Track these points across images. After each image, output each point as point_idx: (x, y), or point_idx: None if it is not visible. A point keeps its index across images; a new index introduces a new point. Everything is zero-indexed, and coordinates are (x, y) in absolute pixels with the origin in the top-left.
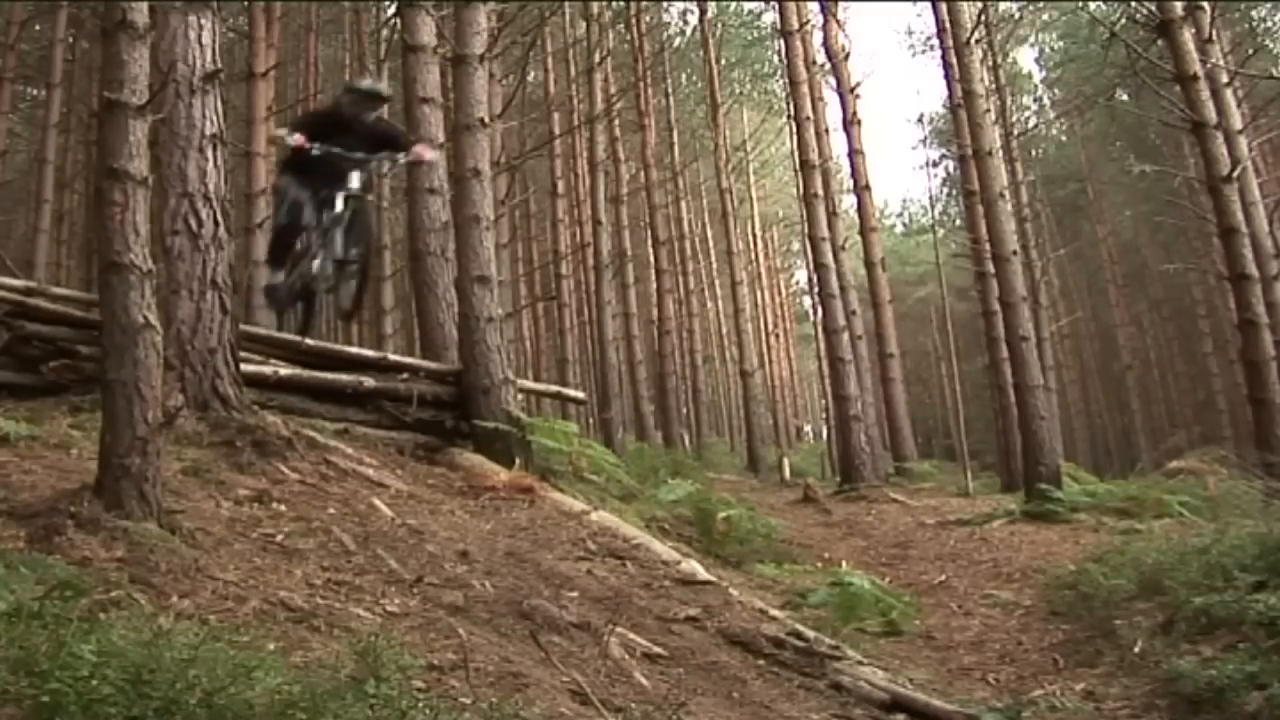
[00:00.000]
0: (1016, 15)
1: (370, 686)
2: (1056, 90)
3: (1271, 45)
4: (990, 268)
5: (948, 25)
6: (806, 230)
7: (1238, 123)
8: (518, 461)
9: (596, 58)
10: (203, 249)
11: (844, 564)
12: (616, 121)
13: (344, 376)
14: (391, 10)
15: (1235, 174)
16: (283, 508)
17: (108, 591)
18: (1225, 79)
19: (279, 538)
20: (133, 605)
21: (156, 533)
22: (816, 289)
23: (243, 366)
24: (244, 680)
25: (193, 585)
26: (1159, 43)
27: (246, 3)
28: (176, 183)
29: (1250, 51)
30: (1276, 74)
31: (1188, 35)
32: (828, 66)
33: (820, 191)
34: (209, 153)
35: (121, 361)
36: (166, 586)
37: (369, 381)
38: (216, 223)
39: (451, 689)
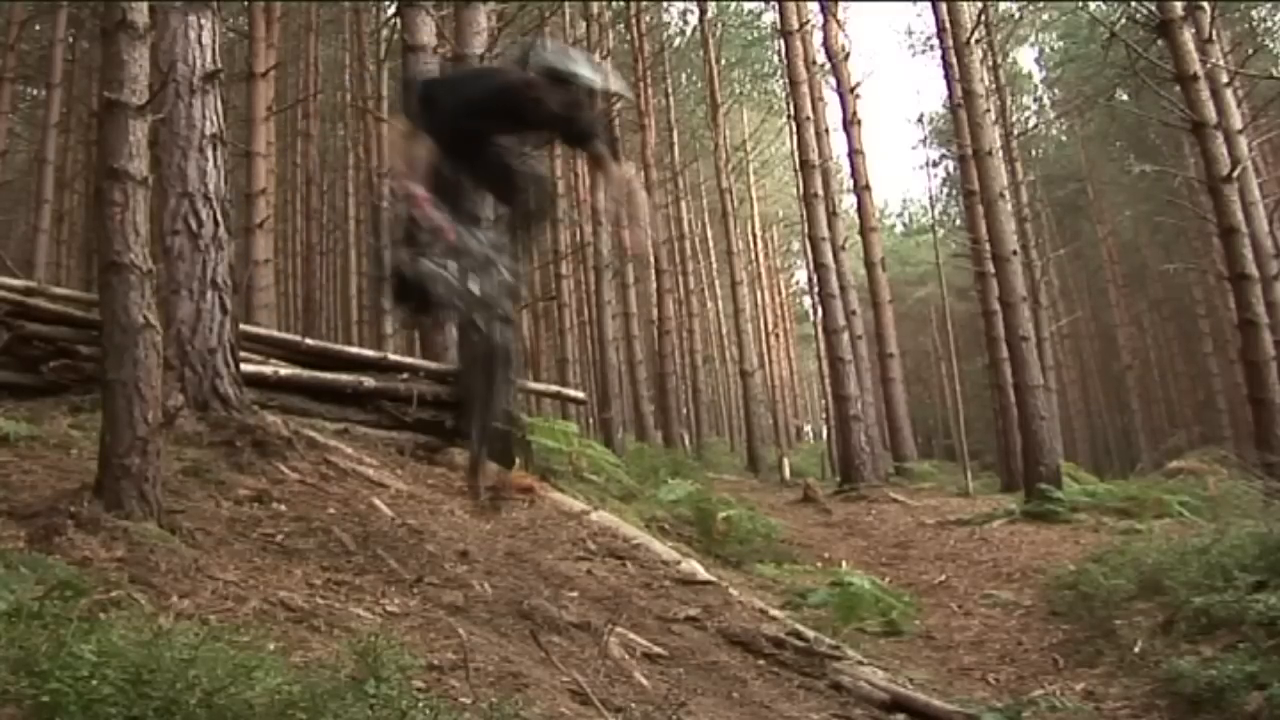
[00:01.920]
0: (1016, 15)
1: (370, 686)
2: (1056, 90)
3: (1271, 45)
4: (990, 268)
5: (948, 25)
6: (806, 230)
7: (1238, 123)
8: (518, 461)
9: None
10: (203, 249)
11: (844, 564)
12: (616, 121)
13: (344, 376)
14: (391, 10)
15: (1235, 174)
16: (283, 508)
17: (108, 591)
18: (1225, 79)
19: (279, 538)
20: (133, 605)
21: (156, 533)
22: (816, 289)
23: (243, 366)
24: (244, 680)
25: (193, 585)
26: (1159, 43)
27: (247, 3)
28: (176, 183)
29: (1250, 51)
30: (1276, 74)
31: (1188, 35)
32: (828, 66)
33: (820, 191)
34: (209, 153)
35: (121, 361)
36: (166, 586)
37: (369, 381)
38: (216, 223)
39: (451, 689)
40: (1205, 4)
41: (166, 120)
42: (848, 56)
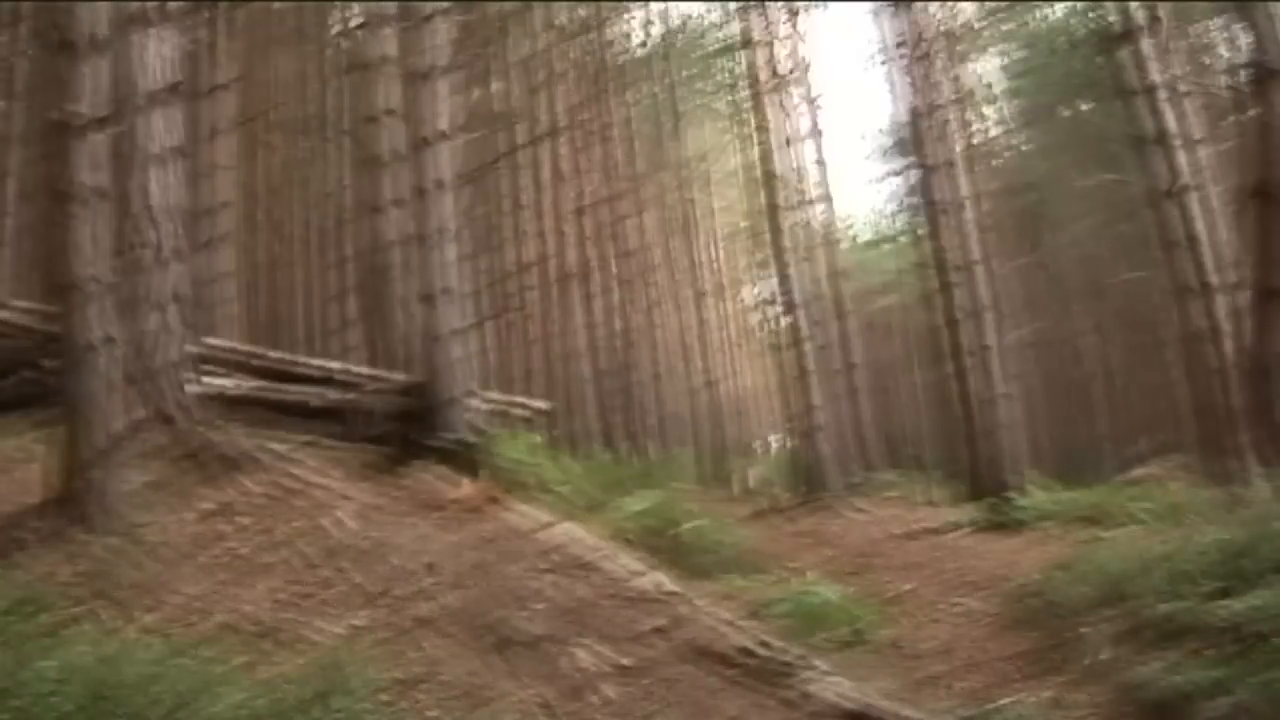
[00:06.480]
0: (976, 27)
1: (335, 701)
2: (1016, 101)
3: (1226, 56)
4: (952, 277)
5: (908, 37)
6: (769, 241)
7: (1195, 133)
8: (481, 474)
9: (556, 70)
10: (162, 263)
11: (809, 574)
12: (576, 134)
13: (306, 389)
14: (354, 24)
15: (1192, 184)
16: (245, 521)
17: (70, 607)
18: (1182, 90)
19: (242, 552)
20: (95, 620)
21: (119, 547)
22: (779, 300)
23: (205, 380)
24: (207, 695)
25: (156, 600)
26: (1116, 54)
27: (207, 15)
28: (135, 197)
29: (1207, 63)
30: (1231, 85)
31: (1144, 46)
32: (788, 78)
33: (781, 203)
34: (168, 166)
35: (81, 376)
36: (129, 601)
37: (331, 394)
38: (175, 237)
39: (417, 703)
40: (1162, 17)
41: (125, 134)
42: (809, 68)
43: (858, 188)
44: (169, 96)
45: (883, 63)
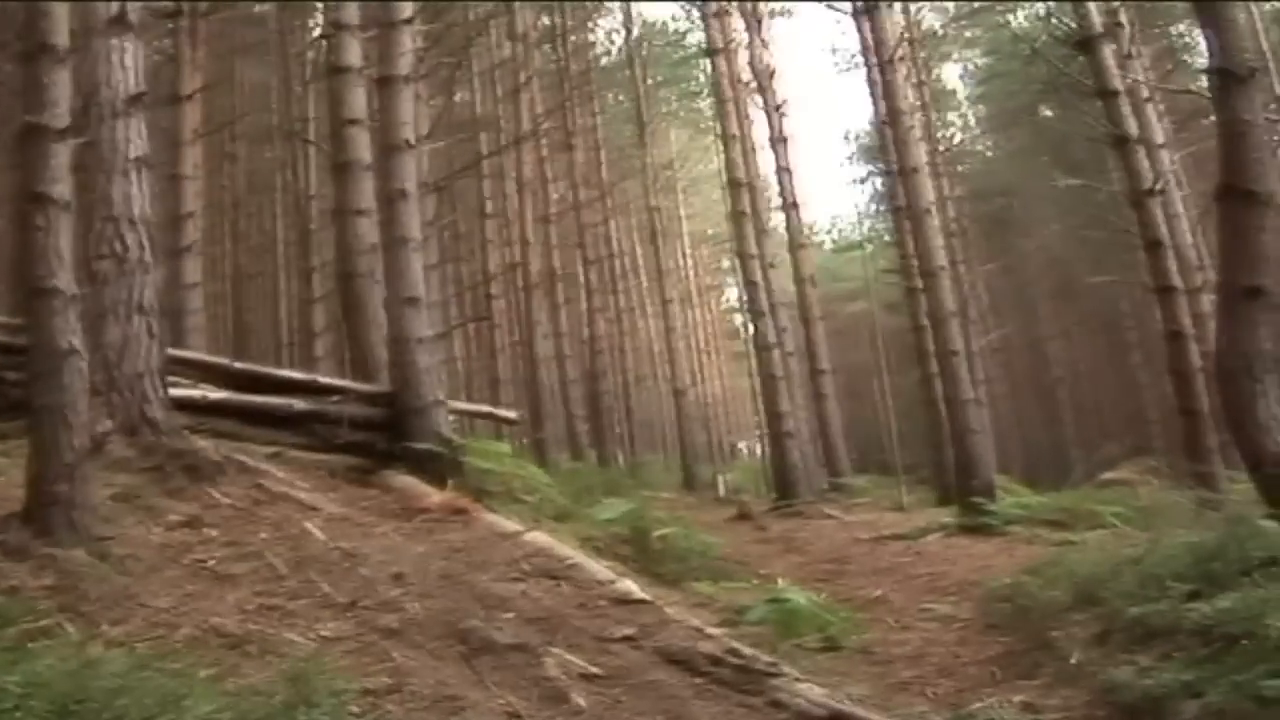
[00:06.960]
0: (940, 33)
1: (303, 713)
2: (982, 106)
3: (1190, 60)
4: (920, 283)
5: (872, 43)
6: (736, 248)
7: (1159, 137)
8: (451, 483)
9: (523, 77)
10: (129, 273)
11: (781, 580)
12: (544, 141)
13: (274, 400)
14: (318, 33)
15: (1158, 188)
16: (214, 532)
17: (36, 620)
18: (1146, 94)
19: (211, 563)
20: (62, 634)
21: (86, 560)
22: (747, 306)
23: (172, 390)
24: (175, 708)
25: (124, 613)
26: (1080, 59)
27: (171, 25)
28: (102, 207)
29: (1169, 67)
30: (1196, 89)
31: (1108, 51)
32: (754, 85)
33: (748, 209)
34: (134, 176)
35: (48, 387)
36: (97, 614)
37: (300, 404)
38: (143, 246)
39: (387, 713)
40: (1124, 21)
41: (91, 144)
42: (774, 75)
43: (829, 193)
44: (134, 106)
45: (846, 69)
